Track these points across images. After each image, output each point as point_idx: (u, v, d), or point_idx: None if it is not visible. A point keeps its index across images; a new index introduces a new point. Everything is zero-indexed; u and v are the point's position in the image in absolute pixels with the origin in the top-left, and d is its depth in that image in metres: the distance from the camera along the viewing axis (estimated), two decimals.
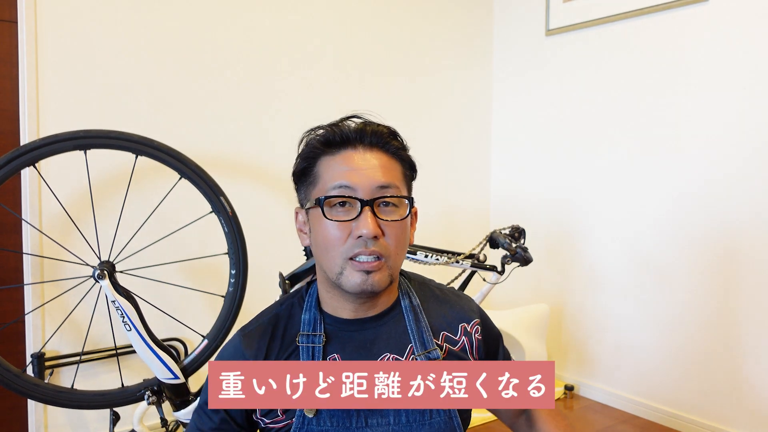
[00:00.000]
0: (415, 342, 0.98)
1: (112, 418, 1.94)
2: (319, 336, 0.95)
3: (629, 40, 2.62)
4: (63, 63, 2.09)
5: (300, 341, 0.95)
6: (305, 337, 0.95)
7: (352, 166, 0.90)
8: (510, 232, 2.26)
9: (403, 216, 0.92)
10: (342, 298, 0.96)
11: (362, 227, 0.87)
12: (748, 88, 2.24)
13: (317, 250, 0.94)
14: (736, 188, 2.29)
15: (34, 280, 2.05)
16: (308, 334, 0.96)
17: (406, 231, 0.94)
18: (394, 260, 0.92)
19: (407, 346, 0.98)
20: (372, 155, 0.93)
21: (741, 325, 2.28)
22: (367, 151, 0.93)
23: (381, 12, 2.86)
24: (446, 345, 1.01)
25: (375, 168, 0.91)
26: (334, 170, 0.91)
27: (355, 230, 0.88)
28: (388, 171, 0.92)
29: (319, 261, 0.95)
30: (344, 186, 0.89)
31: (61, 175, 2.06)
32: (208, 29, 2.38)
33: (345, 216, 0.89)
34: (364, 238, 0.88)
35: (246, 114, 2.47)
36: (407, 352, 0.98)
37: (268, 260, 2.23)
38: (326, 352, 0.95)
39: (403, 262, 1.00)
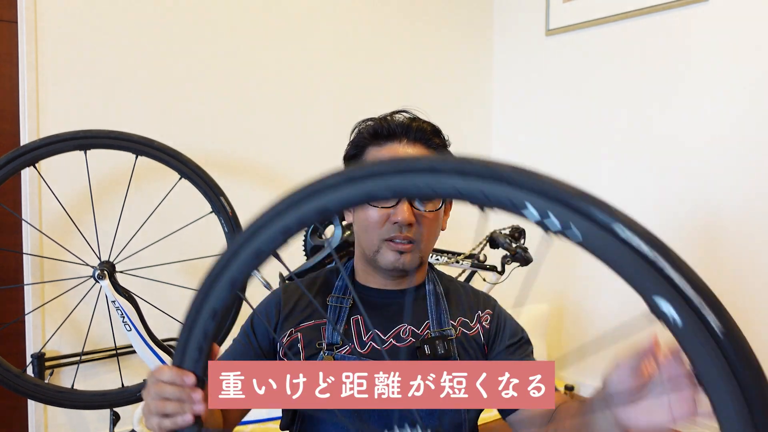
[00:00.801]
0: (432, 320, 1.07)
1: (112, 419, 1.94)
2: (347, 299, 1.06)
3: (629, 40, 2.62)
4: (63, 63, 2.09)
5: (330, 301, 1.06)
6: (335, 299, 1.07)
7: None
8: (510, 232, 2.26)
9: (436, 207, 1.02)
10: (375, 273, 1.07)
11: (399, 215, 0.97)
12: (749, 88, 2.24)
13: (358, 230, 1.05)
14: (736, 188, 2.29)
15: (34, 280, 2.05)
16: (338, 296, 1.07)
17: (438, 220, 1.04)
18: (425, 245, 1.03)
19: (424, 323, 1.07)
20: (414, 150, 1.02)
21: (741, 324, 2.28)
22: (410, 145, 1.02)
23: (381, 12, 2.86)
24: (461, 328, 1.08)
25: None
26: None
27: (392, 217, 0.98)
28: None
29: (358, 239, 1.06)
30: None
31: (61, 175, 2.06)
32: (209, 29, 2.38)
33: (385, 203, 0.98)
34: (400, 224, 0.98)
35: (246, 114, 2.47)
36: (423, 327, 1.06)
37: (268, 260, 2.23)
38: (351, 313, 1.06)
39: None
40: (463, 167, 0.56)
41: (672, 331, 0.50)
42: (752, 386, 0.50)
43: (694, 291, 0.49)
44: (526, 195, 0.53)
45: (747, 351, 0.51)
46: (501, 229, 2.27)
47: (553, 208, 0.52)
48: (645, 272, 0.51)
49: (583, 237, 0.51)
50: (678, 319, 0.49)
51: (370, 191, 0.58)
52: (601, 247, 0.52)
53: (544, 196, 0.53)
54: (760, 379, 0.50)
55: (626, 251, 0.51)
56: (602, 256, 0.52)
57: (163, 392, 0.70)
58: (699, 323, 0.49)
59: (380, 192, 0.58)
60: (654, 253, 0.50)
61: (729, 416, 0.50)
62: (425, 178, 0.56)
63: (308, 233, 1.83)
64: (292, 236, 0.64)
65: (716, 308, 0.49)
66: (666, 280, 0.50)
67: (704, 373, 0.51)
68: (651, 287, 0.51)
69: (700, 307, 0.49)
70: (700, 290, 0.49)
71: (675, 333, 0.50)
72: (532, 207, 0.53)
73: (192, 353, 0.69)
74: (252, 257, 0.65)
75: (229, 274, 0.67)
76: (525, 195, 0.53)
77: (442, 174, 0.56)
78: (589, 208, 0.51)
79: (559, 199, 0.52)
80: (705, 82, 2.37)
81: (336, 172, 0.60)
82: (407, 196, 0.58)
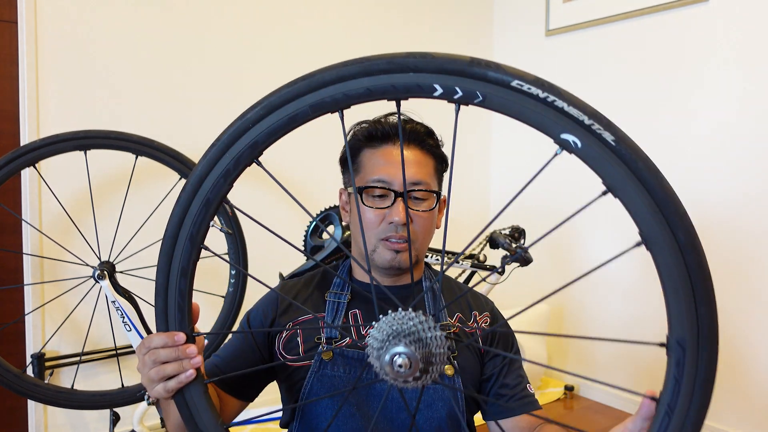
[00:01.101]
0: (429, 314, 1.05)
1: (112, 419, 1.94)
2: (345, 295, 1.08)
3: (629, 40, 2.62)
4: (63, 63, 2.09)
5: (328, 297, 1.08)
6: (333, 294, 1.09)
7: (390, 161, 1.02)
8: (510, 232, 2.26)
9: (430, 207, 1.04)
10: (373, 272, 1.08)
11: (395, 215, 0.99)
12: (748, 88, 2.24)
13: (355, 229, 1.07)
14: (737, 188, 2.29)
15: (34, 281, 2.05)
16: (336, 292, 1.09)
17: (432, 219, 1.06)
18: (421, 243, 1.05)
19: None
20: (408, 151, 1.04)
21: (741, 324, 2.28)
22: (404, 147, 1.03)
23: (380, 13, 2.86)
24: (458, 325, 1.10)
25: (410, 164, 1.03)
26: (374, 163, 1.03)
27: (388, 216, 1.00)
28: (421, 167, 1.03)
29: (355, 238, 1.09)
30: (382, 180, 1.01)
31: (61, 176, 2.06)
32: (209, 30, 2.38)
33: (381, 203, 1.02)
34: (396, 224, 1.00)
35: None
36: None
37: (268, 261, 2.23)
38: (349, 306, 1.08)
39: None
40: (368, 67, 0.60)
41: (576, 154, 0.57)
42: (651, 180, 0.56)
43: (586, 116, 0.56)
44: (433, 77, 0.58)
45: (638, 151, 0.57)
46: (501, 230, 2.27)
47: (458, 82, 0.57)
48: (547, 114, 0.57)
49: (484, 97, 0.57)
50: (577, 140, 0.56)
51: (293, 114, 0.63)
52: (503, 102, 0.57)
53: (446, 73, 0.57)
54: (656, 173, 0.56)
55: (527, 100, 0.57)
56: (508, 112, 0.58)
57: (158, 357, 0.72)
58: (593, 139, 0.56)
59: (301, 112, 0.62)
60: (549, 95, 0.56)
61: (640, 210, 0.57)
62: (337, 87, 0.61)
63: (308, 233, 1.83)
64: (234, 178, 0.67)
65: (605, 123, 0.56)
66: (564, 115, 0.56)
67: (611, 180, 0.58)
68: (556, 126, 0.57)
69: (591, 126, 0.56)
70: (591, 114, 0.56)
71: (578, 154, 0.57)
72: (440, 87, 0.58)
73: (173, 315, 0.71)
74: (202, 208, 0.67)
75: (185, 230, 0.69)
76: (431, 78, 0.58)
77: (351, 79, 0.60)
78: (484, 72, 0.57)
79: (458, 72, 0.57)
80: (705, 82, 2.37)
81: (254, 105, 0.64)
82: (326, 110, 0.62)
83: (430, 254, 2.13)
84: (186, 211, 0.68)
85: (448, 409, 1.02)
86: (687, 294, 0.57)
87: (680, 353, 0.58)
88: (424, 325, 0.62)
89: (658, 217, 0.57)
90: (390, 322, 0.63)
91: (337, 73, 0.61)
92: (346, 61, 0.61)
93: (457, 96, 0.58)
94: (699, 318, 0.57)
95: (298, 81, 0.62)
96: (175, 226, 0.69)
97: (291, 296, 1.10)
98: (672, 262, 0.57)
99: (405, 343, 0.61)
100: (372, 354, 0.65)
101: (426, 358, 0.61)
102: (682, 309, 0.57)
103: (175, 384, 0.72)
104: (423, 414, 1.00)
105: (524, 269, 2.30)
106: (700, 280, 0.57)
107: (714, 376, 0.59)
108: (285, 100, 0.63)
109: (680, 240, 0.57)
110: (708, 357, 0.58)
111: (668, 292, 0.57)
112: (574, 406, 2.73)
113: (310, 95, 0.62)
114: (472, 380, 1.07)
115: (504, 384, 1.08)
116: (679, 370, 0.58)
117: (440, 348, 0.62)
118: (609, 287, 2.74)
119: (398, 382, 0.62)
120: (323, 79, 0.61)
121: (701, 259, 0.58)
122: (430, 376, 0.63)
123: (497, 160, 3.28)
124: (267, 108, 0.64)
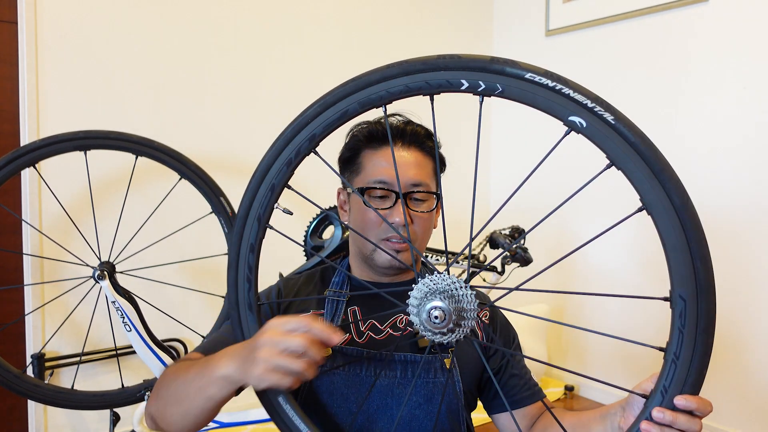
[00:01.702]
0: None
1: (112, 419, 1.94)
2: (344, 293, 1.08)
3: (629, 40, 2.62)
4: (63, 63, 2.09)
5: (328, 295, 1.09)
6: (333, 293, 1.09)
7: (391, 162, 1.02)
8: (510, 232, 2.26)
9: (430, 208, 1.05)
10: (370, 271, 1.09)
11: (395, 216, 1.00)
12: (748, 88, 2.24)
13: (354, 227, 1.07)
14: (736, 188, 2.29)
15: (34, 281, 2.05)
16: (336, 290, 1.09)
17: (431, 219, 1.07)
18: (420, 244, 1.06)
19: None
20: (409, 153, 1.05)
21: (741, 324, 2.28)
22: (405, 148, 1.05)
23: (380, 13, 2.86)
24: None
25: (410, 165, 1.04)
26: (375, 165, 1.04)
27: (388, 217, 1.01)
28: (421, 168, 1.04)
29: (354, 238, 1.09)
30: (383, 181, 1.02)
31: (61, 176, 2.06)
32: (209, 30, 2.38)
33: (381, 204, 1.02)
34: (396, 225, 1.01)
35: (246, 114, 2.47)
36: None
37: (268, 261, 2.23)
38: (349, 304, 1.08)
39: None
40: (407, 68, 0.71)
41: (582, 133, 0.66)
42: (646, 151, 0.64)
43: (589, 100, 0.65)
44: (460, 74, 0.69)
45: (634, 127, 0.65)
46: (501, 230, 2.27)
47: (481, 77, 0.69)
48: (556, 100, 0.67)
49: (503, 89, 0.68)
50: (582, 121, 0.66)
51: (344, 110, 0.73)
52: (519, 93, 0.68)
53: (470, 70, 0.69)
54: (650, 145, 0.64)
55: (538, 89, 0.67)
56: (523, 100, 0.68)
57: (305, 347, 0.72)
58: (596, 119, 0.65)
59: (351, 108, 0.73)
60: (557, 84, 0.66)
61: (639, 180, 0.65)
62: (380, 86, 0.72)
63: (308, 234, 1.83)
64: (295, 167, 0.78)
65: (605, 106, 0.65)
66: (570, 100, 0.66)
67: (613, 154, 0.66)
68: (564, 110, 0.66)
69: (594, 108, 0.65)
70: (593, 99, 0.65)
71: (583, 133, 0.66)
72: (467, 82, 0.69)
73: (242, 285, 0.81)
74: (268, 192, 0.78)
75: (254, 212, 0.79)
76: (459, 74, 0.69)
77: (392, 79, 0.72)
78: (502, 68, 0.68)
79: (481, 68, 0.69)
80: (705, 82, 2.37)
81: (313, 103, 0.74)
82: (372, 106, 0.72)
83: (430, 254, 2.13)
84: (255, 195, 0.79)
85: (447, 403, 1.03)
86: (683, 250, 0.65)
87: (682, 305, 0.66)
88: (456, 285, 0.72)
89: (655, 184, 0.64)
90: (427, 283, 0.72)
91: (381, 74, 0.71)
92: (389, 65, 0.72)
93: (481, 89, 0.68)
94: (696, 272, 0.65)
95: (349, 83, 0.73)
96: (245, 208, 0.79)
97: (293, 293, 1.11)
98: (669, 222, 0.65)
99: (440, 298, 0.71)
100: (412, 311, 0.73)
101: (458, 311, 0.71)
102: (680, 264, 0.65)
103: (292, 383, 0.72)
104: (423, 408, 1.01)
105: (524, 269, 2.31)
106: (695, 237, 0.64)
107: (713, 326, 0.66)
108: (338, 99, 0.73)
109: (675, 202, 0.64)
110: (706, 308, 0.65)
111: (668, 250, 0.65)
112: (574, 406, 2.72)
113: (358, 93, 0.72)
114: (471, 376, 1.07)
115: (513, 374, 1.10)
116: (682, 321, 0.66)
117: (470, 304, 0.72)
118: (609, 288, 2.74)
119: (436, 335, 0.71)
120: (369, 80, 0.72)
121: (695, 218, 0.65)
122: (463, 330, 0.72)
123: (497, 160, 3.28)
124: (323, 105, 0.74)
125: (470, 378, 1.07)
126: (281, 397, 0.78)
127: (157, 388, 0.89)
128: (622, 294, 0.54)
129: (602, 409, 0.91)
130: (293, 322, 0.73)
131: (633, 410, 0.82)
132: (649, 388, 0.75)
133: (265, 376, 0.71)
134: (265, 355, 0.71)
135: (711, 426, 2.31)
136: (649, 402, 0.70)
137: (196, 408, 0.80)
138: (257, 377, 0.72)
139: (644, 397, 0.73)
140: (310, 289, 1.12)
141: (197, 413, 0.81)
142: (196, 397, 0.80)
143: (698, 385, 0.69)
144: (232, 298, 0.81)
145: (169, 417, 0.84)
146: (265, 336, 0.73)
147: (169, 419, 0.84)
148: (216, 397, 0.78)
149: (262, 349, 0.72)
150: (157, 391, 0.89)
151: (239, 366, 0.75)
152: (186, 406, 0.81)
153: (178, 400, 0.82)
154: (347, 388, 1.00)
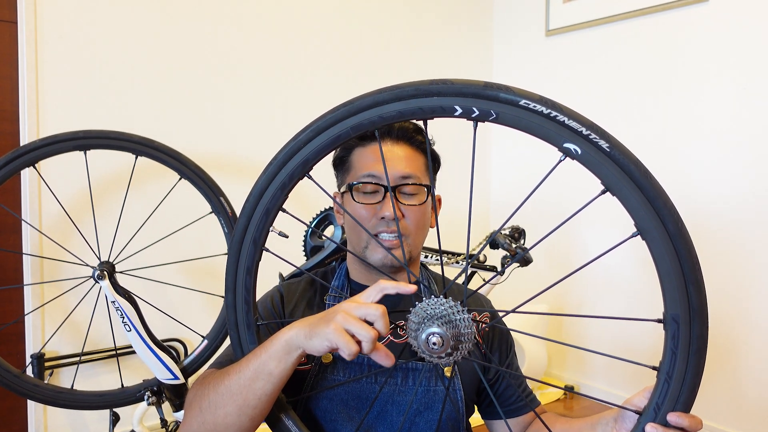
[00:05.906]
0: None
1: (112, 419, 1.94)
2: (345, 297, 1.06)
3: (629, 40, 2.62)
4: (63, 63, 2.09)
5: (327, 300, 1.08)
6: (332, 297, 1.08)
7: (379, 157, 1.02)
8: (510, 232, 2.26)
9: (421, 201, 1.03)
10: (368, 272, 1.07)
11: (385, 210, 1.00)
12: (748, 88, 2.24)
13: (348, 229, 1.07)
14: (736, 187, 2.29)
15: (33, 281, 2.05)
16: (335, 295, 1.08)
17: (425, 214, 1.06)
18: (414, 239, 1.04)
19: None
20: (398, 148, 1.04)
21: (740, 324, 2.28)
22: (394, 144, 1.05)
23: (380, 13, 2.86)
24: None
25: (399, 159, 1.03)
26: (364, 160, 1.04)
27: (379, 212, 1.01)
28: (411, 162, 1.04)
29: (349, 237, 1.09)
30: (371, 175, 1.02)
31: (61, 176, 2.06)
32: (209, 30, 2.38)
33: (371, 199, 1.02)
34: (387, 219, 1.00)
35: (246, 114, 2.47)
36: None
37: (268, 261, 2.23)
38: None
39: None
40: (399, 94, 0.70)
41: (577, 160, 0.66)
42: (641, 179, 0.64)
43: (584, 127, 0.65)
44: (453, 100, 0.68)
45: (629, 155, 0.65)
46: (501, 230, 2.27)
47: (474, 103, 0.67)
48: (551, 127, 0.66)
49: (497, 114, 0.67)
50: (577, 148, 0.65)
51: (336, 135, 0.73)
52: (514, 119, 0.67)
53: (464, 96, 0.67)
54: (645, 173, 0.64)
55: (533, 116, 0.66)
56: (517, 126, 0.68)
57: (375, 316, 0.73)
58: (591, 146, 0.65)
59: (344, 133, 0.73)
60: (552, 111, 0.65)
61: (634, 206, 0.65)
62: (373, 111, 0.71)
63: (308, 234, 1.83)
64: (289, 190, 0.78)
65: (600, 133, 0.65)
66: (565, 127, 0.65)
67: (607, 181, 0.66)
68: (559, 137, 0.66)
69: (588, 135, 0.65)
70: (588, 126, 0.65)
71: (578, 160, 0.66)
72: (460, 108, 0.68)
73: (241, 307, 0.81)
74: (263, 216, 0.79)
75: (249, 235, 0.79)
76: (452, 100, 0.68)
77: (385, 104, 0.70)
78: (496, 94, 0.67)
79: (474, 94, 0.67)
80: (704, 81, 2.37)
81: (305, 128, 0.75)
82: (364, 129, 0.72)
83: (430, 254, 2.13)
84: (250, 219, 0.79)
85: (447, 412, 1.02)
86: (678, 275, 0.65)
87: (675, 327, 0.67)
88: (453, 309, 0.71)
89: (649, 210, 0.65)
90: (424, 307, 0.72)
91: (373, 99, 0.71)
92: (380, 89, 0.71)
93: (475, 115, 0.68)
94: (689, 296, 0.66)
95: (340, 107, 0.72)
96: (241, 232, 0.79)
97: (294, 297, 1.09)
98: (663, 248, 0.65)
99: (438, 324, 0.71)
100: (410, 334, 0.73)
101: (456, 336, 0.71)
102: (674, 288, 0.66)
103: (355, 351, 0.71)
104: (423, 416, 1.00)
105: (524, 269, 2.30)
106: (689, 263, 0.65)
107: (705, 347, 0.67)
108: (330, 124, 0.73)
109: (669, 229, 0.65)
110: (699, 330, 0.67)
111: (662, 274, 0.66)
112: (574, 406, 2.73)
113: (350, 119, 0.72)
114: (471, 384, 1.07)
115: (509, 384, 1.10)
116: (675, 343, 0.67)
117: (468, 328, 0.71)
118: (608, 288, 2.74)
119: (433, 358, 0.72)
120: (361, 105, 0.71)
121: (688, 245, 0.65)
122: (460, 353, 0.72)
123: (497, 162, 3.28)
124: (315, 131, 0.74)
125: (470, 386, 1.07)
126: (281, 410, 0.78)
127: (195, 404, 0.85)
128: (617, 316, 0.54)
129: (594, 417, 0.91)
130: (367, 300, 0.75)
131: (625, 423, 0.82)
132: (641, 402, 0.77)
133: (335, 335, 0.71)
134: (341, 317, 0.73)
135: (709, 426, 2.31)
136: (642, 418, 0.72)
137: (256, 392, 0.79)
138: (325, 334, 0.72)
139: (637, 413, 0.74)
140: (311, 294, 1.11)
141: (255, 403, 0.79)
142: (255, 380, 0.78)
143: (690, 403, 0.69)
144: (231, 320, 0.81)
145: (222, 419, 0.81)
146: (344, 304, 0.75)
147: (222, 421, 0.81)
148: (275, 371, 0.77)
149: (338, 314, 0.73)
150: (198, 405, 0.84)
151: (307, 330, 0.75)
152: (243, 398, 0.79)
153: (232, 397, 0.80)
154: (347, 394, 1.00)
